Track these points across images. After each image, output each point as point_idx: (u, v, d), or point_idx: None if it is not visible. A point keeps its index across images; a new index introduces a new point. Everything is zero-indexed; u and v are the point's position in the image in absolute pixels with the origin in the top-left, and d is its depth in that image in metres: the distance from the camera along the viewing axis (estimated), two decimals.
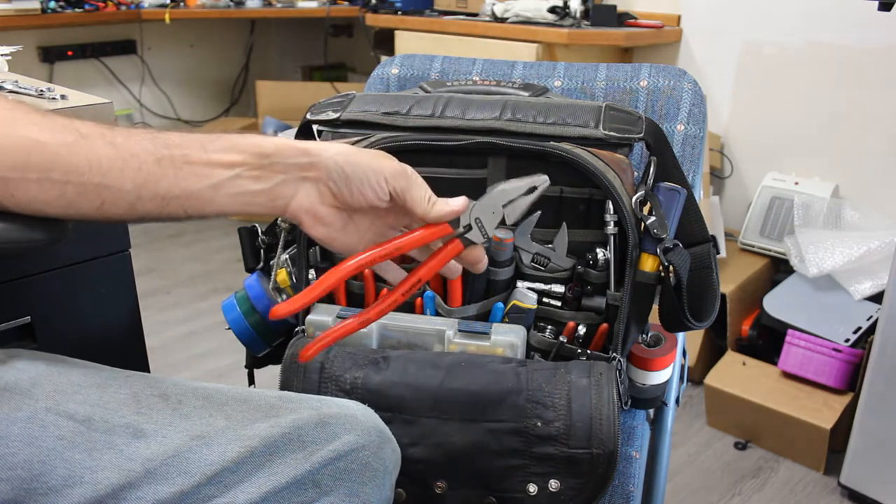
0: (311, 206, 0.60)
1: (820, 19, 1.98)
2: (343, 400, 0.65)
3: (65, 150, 0.53)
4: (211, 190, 0.56)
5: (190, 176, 0.56)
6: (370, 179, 0.59)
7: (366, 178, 0.59)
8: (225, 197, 0.57)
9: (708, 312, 0.81)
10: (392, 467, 0.63)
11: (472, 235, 0.62)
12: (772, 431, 1.75)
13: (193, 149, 0.56)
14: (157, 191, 0.55)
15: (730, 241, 2.12)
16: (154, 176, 0.55)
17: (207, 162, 0.56)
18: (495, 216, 0.62)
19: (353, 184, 0.59)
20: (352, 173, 0.59)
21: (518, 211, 0.63)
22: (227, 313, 0.91)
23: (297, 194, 0.59)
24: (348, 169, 0.59)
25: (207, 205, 0.57)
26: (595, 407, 0.72)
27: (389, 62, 1.08)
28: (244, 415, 0.59)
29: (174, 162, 0.55)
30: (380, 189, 0.60)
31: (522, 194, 0.63)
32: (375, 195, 0.60)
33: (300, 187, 0.59)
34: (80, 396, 0.57)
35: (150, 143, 0.56)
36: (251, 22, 3.62)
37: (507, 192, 0.62)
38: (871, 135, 1.95)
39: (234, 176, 0.57)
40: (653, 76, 0.98)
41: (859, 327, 1.71)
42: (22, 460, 0.53)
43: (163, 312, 2.41)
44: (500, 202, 0.62)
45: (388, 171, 0.60)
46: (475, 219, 0.62)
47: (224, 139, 0.58)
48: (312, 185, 0.59)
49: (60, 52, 3.07)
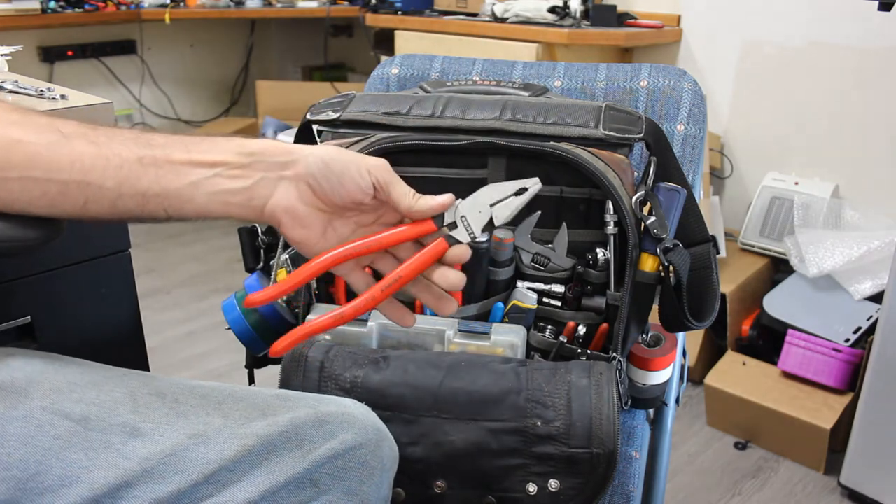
0: (290, 204, 0.58)
1: (820, 19, 1.98)
2: (340, 398, 0.65)
3: (45, 149, 0.53)
4: (190, 188, 0.56)
5: (170, 174, 0.56)
6: (352, 171, 0.58)
7: (347, 169, 0.58)
8: (204, 196, 0.56)
9: (708, 312, 0.81)
10: (390, 465, 0.63)
11: (457, 234, 0.61)
12: (772, 431, 1.75)
13: (176, 148, 0.56)
14: (137, 188, 0.55)
15: (730, 241, 2.12)
16: (135, 173, 0.55)
17: (188, 161, 0.56)
18: (482, 215, 0.61)
19: (334, 176, 0.58)
20: (333, 165, 0.58)
21: (507, 211, 0.61)
22: (227, 313, 0.91)
23: (275, 193, 0.58)
24: (330, 162, 0.58)
25: (187, 203, 0.56)
26: (595, 407, 0.72)
27: (389, 62, 1.08)
28: (241, 413, 0.59)
29: (156, 160, 0.55)
30: (362, 181, 0.58)
31: (512, 195, 0.61)
32: (358, 188, 0.59)
33: (278, 186, 0.58)
34: (76, 395, 0.57)
35: (133, 142, 0.56)
36: (251, 22, 3.62)
37: (495, 191, 0.61)
38: (871, 135, 1.95)
39: (213, 175, 0.56)
40: (653, 76, 0.98)
41: (859, 327, 1.71)
42: (18, 460, 0.53)
43: (163, 312, 2.41)
44: (487, 201, 0.61)
45: (370, 164, 0.59)
46: (461, 216, 0.60)
47: (209, 140, 0.58)
48: (291, 184, 0.58)
49: (60, 52, 3.07)
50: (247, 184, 0.57)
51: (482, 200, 0.61)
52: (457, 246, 0.61)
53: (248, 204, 0.58)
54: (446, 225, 0.61)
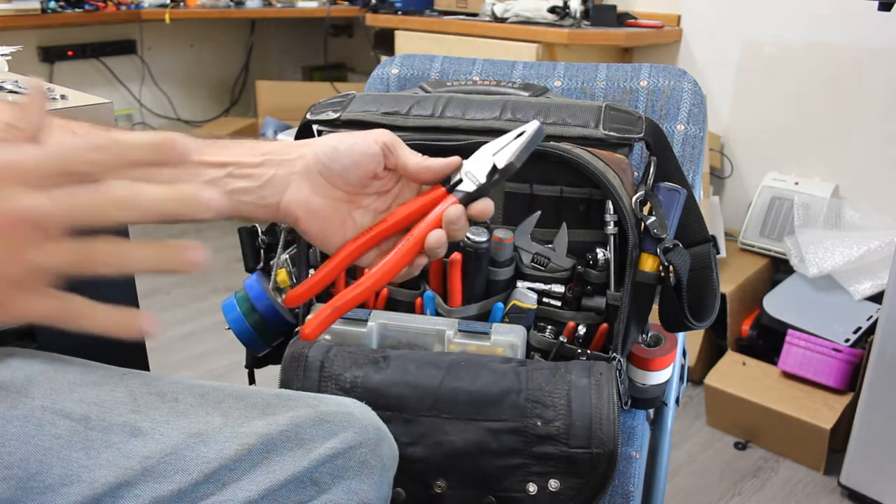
0: (304, 198, 0.58)
1: (820, 19, 1.98)
2: (340, 398, 0.65)
3: None
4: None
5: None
6: (359, 144, 0.59)
7: (355, 143, 0.59)
8: None
9: (708, 312, 0.81)
10: (390, 464, 0.63)
11: (463, 186, 0.61)
12: (772, 431, 1.75)
13: None
14: None
15: (730, 241, 2.12)
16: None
17: (200, 161, 0.56)
18: (485, 164, 0.61)
19: (343, 156, 0.58)
20: (339, 144, 0.59)
21: (508, 153, 0.61)
22: (227, 313, 0.91)
23: (288, 189, 0.58)
24: (337, 144, 0.59)
25: None
26: (595, 406, 0.72)
27: (389, 62, 1.08)
28: (241, 412, 0.59)
29: None
30: (370, 149, 0.59)
31: (511, 140, 0.62)
32: (368, 157, 0.59)
33: (290, 181, 0.58)
34: (76, 395, 0.57)
35: None
36: (251, 22, 3.62)
37: (496, 143, 0.62)
38: (871, 135, 1.95)
39: (225, 175, 0.57)
40: (653, 76, 0.98)
41: (859, 327, 1.71)
42: (19, 459, 0.53)
43: (163, 312, 2.41)
44: (489, 152, 0.62)
45: (375, 133, 0.60)
46: (466, 172, 0.61)
47: (220, 142, 0.58)
48: (303, 177, 0.58)
49: (60, 52, 3.07)
50: (258, 182, 0.57)
51: (484, 153, 0.62)
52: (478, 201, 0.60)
53: (261, 203, 0.58)
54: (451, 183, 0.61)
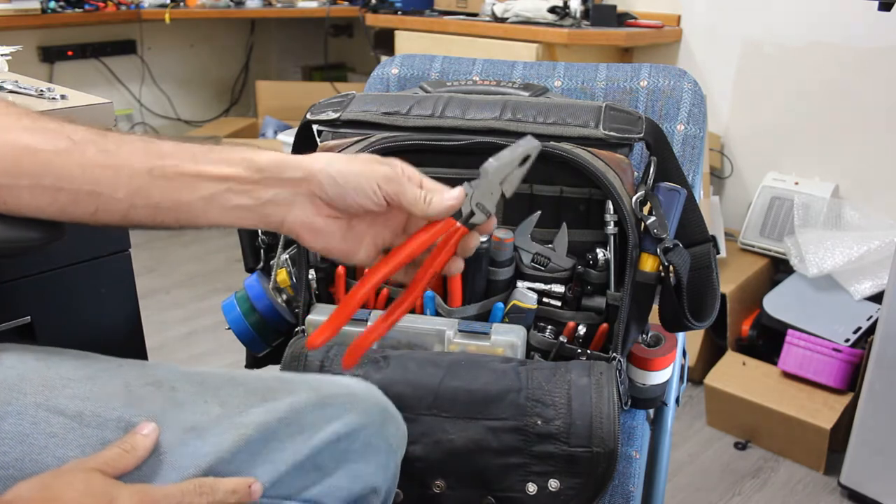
0: (307, 219, 0.58)
1: (820, 19, 1.98)
2: (344, 378, 0.64)
3: (56, 157, 0.53)
4: (202, 202, 0.56)
5: (182, 188, 0.56)
6: (363, 187, 0.58)
7: (359, 186, 0.58)
8: (216, 210, 0.56)
9: (708, 312, 0.81)
10: (397, 445, 0.63)
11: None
12: (772, 431, 1.75)
13: (184, 159, 0.56)
14: (149, 201, 0.55)
15: (730, 241, 2.12)
16: (146, 186, 0.55)
17: (198, 174, 0.56)
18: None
19: (347, 194, 0.58)
20: (345, 183, 0.58)
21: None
22: (227, 313, 0.91)
23: (292, 209, 0.58)
24: (341, 179, 0.58)
25: (200, 216, 0.57)
26: (595, 406, 0.72)
27: (389, 62, 1.08)
28: (240, 400, 0.59)
29: (166, 173, 0.55)
30: (374, 196, 0.58)
31: (517, 167, 0.62)
32: (371, 202, 0.58)
33: (294, 202, 0.58)
34: (69, 391, 0.57)
35: (143, 151, 0.55)
36: (251, 22, 3.62)
37: (501, 169, 0.62)
38: (871, 135, 1.95)
39: (224, 189, 0.56)
40: (653, 76, 0.98)
41: (859, 327, 1.71)
42: (13, 459, 0.53)
43: (163, 312, 2.40)
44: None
45: (380, 177, 0.58)
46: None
47: (216, 151, 0.58)
48: (307, 199, 0.58)
49: (60, 52, 3.06)
50: (259, 201, 0.57)
51: (492, 181, 0.61)
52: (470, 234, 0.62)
53: (263, 220, 0.58)
54: (464, 217, 0.61)
